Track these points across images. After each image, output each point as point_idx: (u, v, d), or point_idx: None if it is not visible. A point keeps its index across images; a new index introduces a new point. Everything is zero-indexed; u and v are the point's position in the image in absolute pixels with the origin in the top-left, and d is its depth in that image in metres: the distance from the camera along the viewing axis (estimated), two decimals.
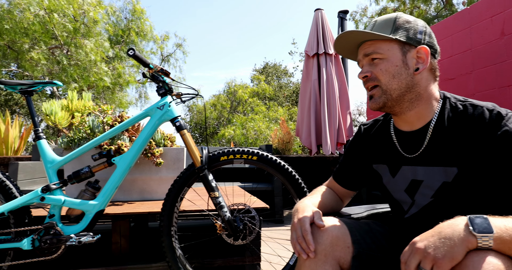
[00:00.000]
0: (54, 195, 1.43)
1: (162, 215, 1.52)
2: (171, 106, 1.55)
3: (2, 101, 14.01)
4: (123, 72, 9.77)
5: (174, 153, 2.02)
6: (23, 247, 1.37)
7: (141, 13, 10.57)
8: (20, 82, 1.50)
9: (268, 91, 13.75)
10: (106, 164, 1.50)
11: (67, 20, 7.99)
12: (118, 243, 1.68)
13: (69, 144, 1.90)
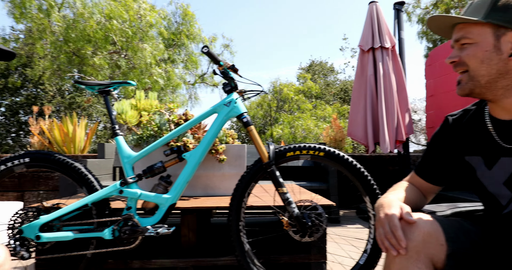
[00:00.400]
0: (131, 188, 1.51)
1: (230, 209, 1.54)
2: (237, 103, 1.57)
3: (66, 104, 15.28)
4: (174, 74, 10.18)
5: (236, 150, 2.05)
6: (105, 237, 1.47)
7: (191, 17, 10.95)
8: (98, 82, 1.60)
9: (315, 89, 13.55)
10: (177, 160, 1.56)
11: (126, 25, 8.51)
12: (186, 236, 1.73)
13: (138, 141, 2.01)
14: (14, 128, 15.23)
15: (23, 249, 1.45)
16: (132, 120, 2.02)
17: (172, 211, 1.53)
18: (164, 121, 1.99)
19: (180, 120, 1.98)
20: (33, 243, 1.47)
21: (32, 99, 14.95)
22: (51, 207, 1.54)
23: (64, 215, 1.49)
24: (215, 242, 2.04)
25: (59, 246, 1.51)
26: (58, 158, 1.53)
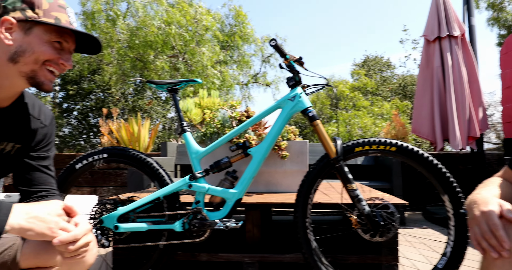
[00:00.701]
0: (199, 183, 1.55)
1: (296, 206, 1.52)
2: (302, 97, 1.53)
3: (130, 107, 16.42)
4: (229, 74, 10.43)
5: (298, 146, 2.02)
6: (176, 229, 1.53)
7: (244, 18, 11.14)
8: (167, 81, 1.67)
9: (370, 85, 12.99)
10: (243, 155, 1.57)
11: (183, 30, 8.91)
12: (251, 231, 1.74)
13: (202, 138, 2.06)
14: (85, 130, 16.72)
15: (103, 238, 1.56)
16: (196, 118, 2.09)
17: (238, 206, 1.54)
18: (226, 118, 2.02)
19: (242, 117, 2.00)
20: (111, 233, 1.57)
21: (100, 103, 16.29)
22: (126, 200, 1.64)
23: (139, 207, 1.58)
24: (278, 238, 2.03)
25: (133, 237, 1.61)
26: (132, 154, 1.63)
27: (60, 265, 0.97)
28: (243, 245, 1.74)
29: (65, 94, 16.10)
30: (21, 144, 1.02)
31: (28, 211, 0.80)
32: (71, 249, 0.83)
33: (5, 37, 0.86)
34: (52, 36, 0.90)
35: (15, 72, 0.88)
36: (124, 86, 15.36)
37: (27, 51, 0.87)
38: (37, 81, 0.90)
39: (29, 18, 0.86)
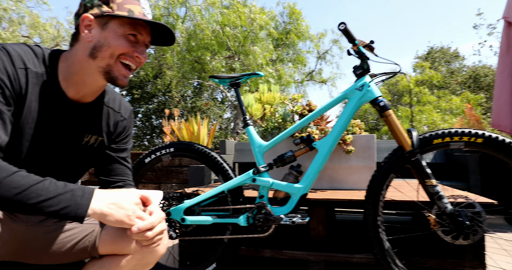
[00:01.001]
0: (263, 177, 1.52)
1: (367, 203, 1.42)
2: (371, 86, 1.43)
3: (189, 108, 17.17)
4: (284, 73, 10.39)
5: (364, 140, 1.90)
6: (240, 223, 1.51)
7: (298, 15, 11.01)
8: (230, 75, 1.67)
9: (436, 78, 12.01)
10: (307, 149, 1.51)
11: (238, 30, 9.08)
12: (316, 229, 1.67)
13: (263, 133, 2.04)
14: (148, 131, 17.84)
15: (171, 230, 1.60)
16: (256, 113, 2.07)
17: (303, 201, 1.48)
18: (287, 112, 1.98)
19: (304, 111, 1.93)
20: (178, 225, 1.61)
21: (162, 105, 17.26)
22: (192, 193, 1.67)
23: (204, 200, 1.59)
24: (344, 237, 1.93)
25: (198, 230, 1.63)
26: (197, 148, 1.65)
27: (134, 253, 1.00)
28: (307, 243, 1.68)
29: (131, 98, 17.33)
30: (103, 136, 1.07)
31: (108, 197, 0.82)
32: (149, 236, 0.84)
33: (87, 35, 0.89)
34: (126, 29, 0.91)
35: (94, 68, 0.91)
36: (183, 89, 16.09)
37: (104, 45, 0.89)
38: (112, 76, 0.92)
39: (104, 13, 0.89)
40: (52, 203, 0.74)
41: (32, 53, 0.90)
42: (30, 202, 0.72)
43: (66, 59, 0.94)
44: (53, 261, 1.02)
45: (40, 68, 0.90)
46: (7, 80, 0.81)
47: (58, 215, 0.75)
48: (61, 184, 0.78)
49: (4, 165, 0.73)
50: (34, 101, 0.89)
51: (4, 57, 0.82)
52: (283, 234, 1.87)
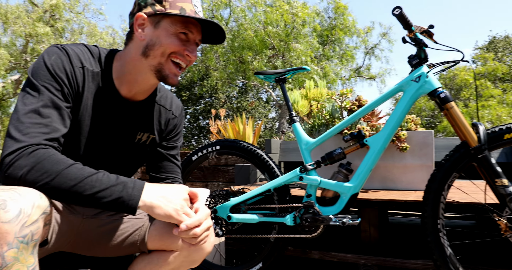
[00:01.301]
0: (311, 175, 1.46)
1: (425, 204, 1.30)
2: (429, 77, 1.31)
3: (234, 109, 17.45)
4: (330, 70, 10.14)
5: (421, 137, 1.76)
6: (287, 223, 1.47)
7: (344, 9, 10.68)
8: (275, 71, 1.63)
9: (501, 70, 10.92)
10: (358, 145, 1.42)
11: (280, 28, 9.03)
12: (367, 231, 1.58)
13: (310, 131, 1.97)
14: (196, 131, 18.41)
15: (217, 227, 1.60)
16: (303, 109, 2.01)
17: (354, 201, 1.40)
18: (335, 108, 1.89)
19: (354, 106, 1.84)
20: (224, 223, 1.60)
21: (208, 106, 17.72)
22: (238, 191, 1.66)
23: (250, 198, 1.57)
24: (399, 241, 1.81)
25: (245, 229, 1.61)
26: (243, 145, 1.64)
27: (181, 250, 1.00)
28: (358, 246, 1.59)
29: (179, 100, 18.04)
30: (155, 134, 1.09)
31: (158, 190, 0.83)
32: (197, 233, 0.84)
33: (140, 34, 0.91)
34: (178, 28, 0.90)
35: (146, 67, 0.93)
36: (228, 89, 16.38)
37: (156, 44, 0.90)
38: (163, 74, 0.93)
39: (157, 12, 0.89)
40: (105, 194, 0.76)
41: (89, 52, 0.93)
42: (85, 194, 0.75)
43: (120, 58, 0.96)
44: (105, 253, 1.05)
45: (95, 67, 0.93)
46: (65, 78, 0.85)
47: (111, 206, 0.77)
48: (113, 177, 0.80)
49: (62, 158, 0.76)
50: (90, 99, 0.92)
51: (63, 57, 0.86)
52: (331, 235, 1.79)
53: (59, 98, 0.83)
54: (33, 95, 0.80)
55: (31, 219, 0.67)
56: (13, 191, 0.69)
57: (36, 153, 0.74)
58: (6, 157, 0.72)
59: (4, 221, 0.64)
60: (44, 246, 0.87)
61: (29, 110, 0.78)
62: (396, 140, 1.72)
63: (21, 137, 0.74)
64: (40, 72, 0.82)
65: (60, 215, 0.94)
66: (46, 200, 0.73)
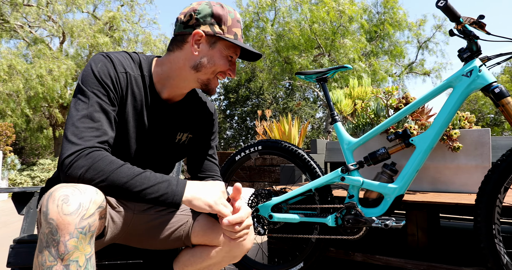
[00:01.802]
0: (353, 176, 1.43)
1: (478, 208, 1.21)
2: (482, 71, 1.22)
3: (280, 109, 17.46)
4: (379, 67, 9.73)
5: (475, 135, 1.64)
6: (328, 223, 1.45)
7: (394, 3, 10.19)
8: (316, 71, 1.62)
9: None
10: (403, 145, 1.36)
11: (326, 26, 8.86)
12: (414, 235, 1.51)
13: (354, 130, 1.93)
14: (243, 132, 18.72)
15: (259, 226, 1.63)
16: (346, 109, 1.97)
17: (399, 203, 1.35)
18: (381, 107, 1.83)
19: (400, 104, 1.76)
20: (266, 222, 1.63)
21: (255, 107, 17.93)
22: (280, 191, 1.67)
23: (291, 198, 1.58)
24: (450, 247, 1.70)
25: (286, 228, 1.62)
26: (284, 146, 1.65)
27: (223, 245, 1.05)
28: (404, 250, 1.52)
29: (227, 102, 18.46)
30: (193, 134, 1.15)
31: (199, 185, 0.90)
32: (237, 230, 0.88)
33: (195, 49, 0.97)
34: (230, 52, 1.00)
35: (194, 78, 1.01)
36: (275, 90, 16.44)
37: (209, 62, 0.98)
38: (209, 88, 1.03)
39: (217, 34, 0.96)
40: (152, 191, 0.83)
41: (130, 59, 1.01)
42: (135, 190, 0.82)
43: (162, 64, 1.03)
44: (154, 246, 1.13)
45: (137, 71, 1.01)
46: (110, 84, 0.93)
47: (158, 201, 0.84)
48: (159, 175, 0.87)
49: (114, 159, 0.84)
50: (133, 102, 1.00)
51: (108, 64, 0.94)
52: (375, 238, 1.74)
53: (106, 103, 0.91)
54: (84, 101, 0.88)
55: (88, 212, 0.75)
56: (74, 187, 0.77)
57: (92, 154, 0.82)
58: (66, 159, 0.81)
59: (66, 214, 0.72)
60: (100, 239, 0.97)
61: (82, 116, 0.86)
62: (447, 139, 1.62)
63: (77, 140, 0.83)
64: (88, 79, 0.90)
65: (114, 211, 1.04)
66: (102, 196, 0.81)
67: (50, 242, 0.72)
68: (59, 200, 0.73)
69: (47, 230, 0.72)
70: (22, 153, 9.90)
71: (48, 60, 7.82)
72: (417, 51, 12.25)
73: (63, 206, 0.73)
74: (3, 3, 8.15)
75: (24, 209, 1.32)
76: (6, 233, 3.06)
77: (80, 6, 8.66)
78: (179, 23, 1.00)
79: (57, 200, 0.73)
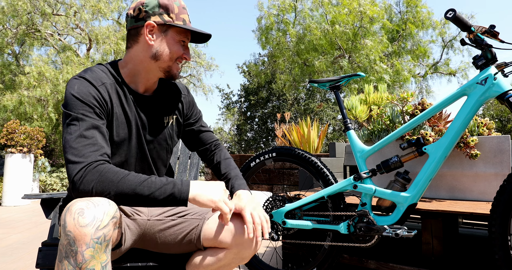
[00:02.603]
0: (365, 184, 1.43)
1: (492, 218, 1.19)
2: (498, 79, 1.20)
3: (301, 111, 17.36)
4: (401, 68, 9.51)
5: (494, 142, 1.60)
6: (340, 231, 1.46)
7: (416, 1, 9.93)
8: (329, 79, 1.63)
9: None
10: (416, 153, 1.36)
11: (347, 27, 8.75)
12: (429, 243, 1.49)
13: (370, 136, 1.92)
14: (264, 134, 18.75)
15: (273, 231, 1.66)
16: (362, 115, 1.97)
17: (412, 212, 1.34)
18: (396, 113, 1.82)
19: (416, 111, 1.74)
20: (280, 228, 1.65)
21: (276, 109, 17.92)
22: (294, 197, 1.69)
23: (304, 205, 1.60)
24: (468, 256, 1.67)
25: (300, 234, 1.64)
26: (297, 153, 1.67)
27: (231, 248, 1.09)
28: (418, 258, 1.51)
29: (248, 104, 18.55)
30: (176, 114, 1.23)
31: (202, 184, 0.98)
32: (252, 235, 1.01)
33: (149, 39, 1.05)
34: (181, 37, 1.08)
35: (156, 67, 1.09)
36: (296, 92, 16.39)
37: (165, 50, 1.06)
38: (171, 74, 1.11)
39: (167, 22, 1.05)
40: (160, 193, 0.90)
41: (100, 71, 1.08)
42: (144, 195, 0.89)
43: (126, 63, 1.11)
44: (168, 250, 1.19)
45: (111, 79, 1.08)
46: (93, 99, 0.99)
47: (167, 202, 0.91)
48: (164, 178, 0.94)
49: (119, 169, 0.91)
50: (118, 107, 1.06)
51: (84, 83, 1.00)
52: (389, 245, 1.72)
53: (94, 119, 0.96)
54: (73, 123, 0.94)
55: (103, 223, 0.81)
56: (88, 201, 0.84)
57: (98, 168, 0.88)
58: (75, 177, 0.87)
59: (82, 226, 0.78)
60: (119, 248, 1.03)
61: (76, 137, 0.91)
62: (464, 146, 1.59)
63: (79, 159, 0.88)
64: (71, 103, 0.96)
65: (129, 219, 1.11)
66: (114, 207, 0.86)
67: (69, 253, 0.78)
68: (75, 213, 0.80)
69: (65, 242, 0.79)
70: (52, 155, 10.36)
71: (75, 66, 8.16)
72: (442, 50, 11.88)
73: (79, 218, 0.79)
74: (34, 13, 8.58)
75: (52, 213, 1.41)
76: (35, 233, 3.23)
77: (105, 14, 8.98)
78: (130, 18, 1.08)
79: (73, 213, 0.80)
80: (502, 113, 13.35)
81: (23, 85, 8.01)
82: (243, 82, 18.89)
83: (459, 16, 1.12)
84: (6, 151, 5.18)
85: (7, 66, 9.80)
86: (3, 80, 9.50)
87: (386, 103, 1.94)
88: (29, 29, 8.90)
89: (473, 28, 1.16)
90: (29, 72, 7.98)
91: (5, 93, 8.29)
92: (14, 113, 8.00)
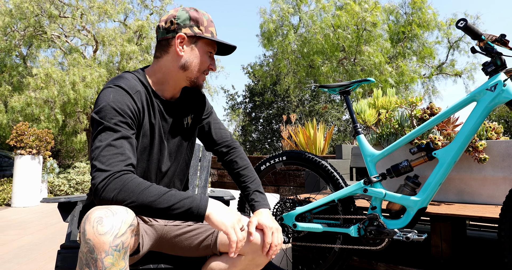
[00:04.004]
0: (375, 187, 1.46)
1: (502, 222, 1.21)
2: (507, 85, 1.22)
3: (307, 112, 17.37)
4: (407, 69, 9.50)
5: (503, 147, 1.62)
6: (351, 234, 1.49)
7: (421, 3, 9.92)
8: (339, 84, 1.66)
9: None
10: (426, 158, 1.38)
11: (349, 31, 8.76)
12: (438, 247, 1.51)
13: (378, 140, 1.95)
14: (269, 135, 18.77)
15: (283, 234, 1.68)
16: (370, 119, 1.99)
17: (421, 216, 1.36)
18: (405, 117, 1.84)
19: (425, 115, 1.77)
20: (291, 230, 1.68)
21: (281, 110, 17.94)
22: (304, 200, 1.72)
23: (314, 208, 1.62)
24: (477, 259, 1.68)
25: (310, 237, 1.66)
26: (308, 157, 1.70)
27: (246, 254, 1.12)
28: (427, 261, 1.53)
29: (253, 105, 18.59)
30: (193, 113, 1.27)
31: (220, 205, 0.99)
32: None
33: (180, 50, 1.10)
34: (209, 48, 1.14)
35: (183, 77, 1.14)
36: (300, 93, 16.40)
37: (194, 61, 1.11)
38: (197, 84, 1.16)
39: (197, 34, 1.10)
40: (179, 206, 0.92)
41: (131, 78, 1.10)
42: (163, 207, 0.91)
43: (154, 73, 1.15)
44: (185, 254, 1.22)
45: (141, 87, 1.11)
46: (128, 110, 1.01)
47: (184, 216, 0.93)
48: (183, 192, 0.96)
49: (142, 180, 0.94)
50: (146, 116, 1.10)
51: (120, 92, 1.03)
52: (399, 248, 1.74)
53: (126, 129, 0.99)
54: (105, 132, 0.96)
55: (121, 231, 0.84)
56: (106, 209, 0.86)
57: (122, 178, 0.91)
58: (99, 185, 0.89)
59: (101, 234, 0.81)
60: (137, 254, 1.07)
61: (105, 145, 0.94)
62: (473, 150, 1.61)
63: (106, 167, 0.91)
64: (105, 111, 0.98)
65: (147, 225, 1.15)
66: (132, 215, 0.89)
67: (89, 260, 0.81)
68: (94, 221, 0.83)
69: (85, 249, 0.82)
70: (58, 156, 10.47)
71: (82, 68, 8.24)
72: (448, 51, 11.84)
73: (98, 227, 0.82)
74: (41, 15, 8.68)
75: (69, 216, 1.45)
76: (46, 235, 3.28)
77: (112, 16, 9.05)
78: (162, 30, 1.12)
79: (92, 221, 0.83)
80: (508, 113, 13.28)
81: (31, 86, 8.11)
82: (248, 83, 18.93)
83: (470, 25, 1.15)
84: (15, 152, 5.26)
85: (15, 68, 9.92)
86: (11, 81, 9.63)
87: (394, 107, 1.96)
88: (36, 31, 9.01)
89: (484, 36, 1.18)
90: (37, 73, 8.08)
91: (13, 95, 8.39)
92: (22, 114, 8.10)
